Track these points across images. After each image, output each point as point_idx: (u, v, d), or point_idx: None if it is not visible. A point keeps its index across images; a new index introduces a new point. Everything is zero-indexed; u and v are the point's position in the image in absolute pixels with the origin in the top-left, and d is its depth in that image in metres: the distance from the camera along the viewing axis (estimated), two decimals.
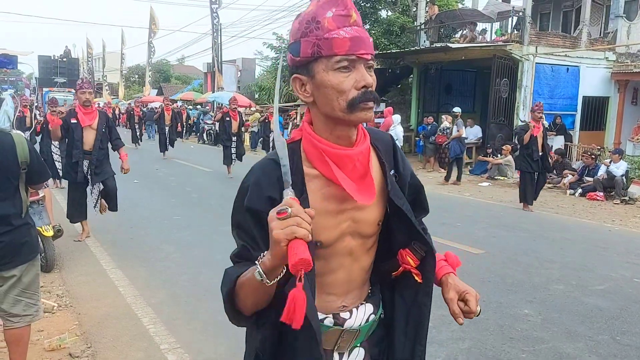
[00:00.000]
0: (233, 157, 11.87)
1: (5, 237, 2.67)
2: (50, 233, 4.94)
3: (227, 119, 11.90)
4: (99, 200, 6.27)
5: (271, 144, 16.87)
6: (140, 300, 4.38)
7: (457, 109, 13.20)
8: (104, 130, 6.14)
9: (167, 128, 16.40)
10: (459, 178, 12.01)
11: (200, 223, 7.33)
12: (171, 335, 3.71)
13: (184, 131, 22.42)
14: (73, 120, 6.01)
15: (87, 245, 6.02)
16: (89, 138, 6.05)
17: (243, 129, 13.36)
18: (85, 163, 6.05)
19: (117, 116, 29.50)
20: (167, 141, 16.15)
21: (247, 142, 21.41)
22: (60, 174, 9.43)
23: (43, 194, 4.97)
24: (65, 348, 3.51)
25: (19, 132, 4.52)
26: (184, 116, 19.53)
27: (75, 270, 5.21)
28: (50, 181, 8.64)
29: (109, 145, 6.33)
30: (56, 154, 9.54)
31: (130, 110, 23.63)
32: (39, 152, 9.41)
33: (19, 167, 2.71)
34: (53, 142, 9.51)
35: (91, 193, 6.24)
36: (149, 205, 8.29)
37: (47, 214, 4.97)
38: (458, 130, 12.49)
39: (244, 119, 14.74)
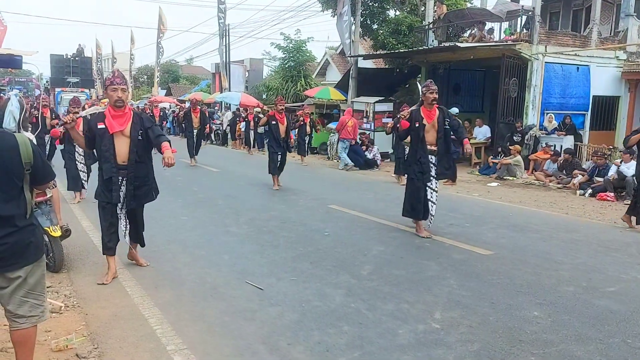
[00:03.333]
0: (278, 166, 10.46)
1: (9, 238, 2.67)
2: (58, 233, 4.96)
3: (274, 122, 10.39)
4: (128, 228, 5.09)
5: (306, 148, 15.74)
6: (147, 300, 4.38)
7: (454, 110, 13.08)
8: (139, 137, 4.75)
9: (195, 131, 14.68)
10: (453, 179, 11.90)
11: (207, 223, 7.33)
12: (178, 336, 3.70)
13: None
14: (100, 126, 4.67)
15: (94, 246, 6.03)
16: (121, 148, 4.73)
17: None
18: (123, 180, 4.79)
19: None
20: (195, 146, 14.57)
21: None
22: (85, 186, 8.62)
23: (51, 194, 4.99)
24: (72, 349, 3.51)
25: (29, 133, 4.54)
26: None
27: (83, 270, 5.23)
28: (62, 189, 8.19)
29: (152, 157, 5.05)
30: (80, 162, 8.60)
31: (149, 111, 21.62)
32: (66, 160, 8.51)
33: (23, 168, 2.71)
34: (77, 149, 8.57)
35: (119, 221, 5.02)
36: (155, 205, 8.25)
37: (55, 214, 4.99)
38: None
39: (292, 120, 12.91)
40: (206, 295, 4.53)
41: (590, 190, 10.68)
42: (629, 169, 10.27)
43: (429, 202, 6.67)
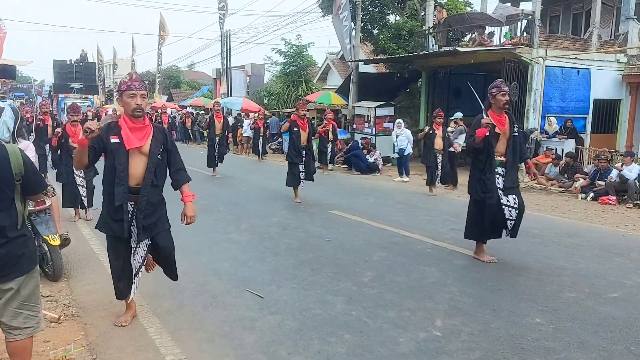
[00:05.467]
0: (301, 177, 9.52)
1: (0, 249, 2.66)
2: (58, 242, 4.94)
3: (295, 129, 9.48)
4: (143, 265, 4.07)
5: (329, 155, 14.51)
6: (147, 309, 4.36)
7: (458, 114, 13.06)
8: (159, 156, 3.93)
9: (217, 139, 13.30)
10: (455, 183, 11.93)
11: (208, 230, 7.31)
12: (177, 346, 3.68)
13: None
14: (113, 139, 3.77)
15: (94, 254, 6.02)
16: (136, 168, 3.85)
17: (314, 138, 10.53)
18: (130, 206, 3.87)
19: None
20: (217, 154, 13.31)
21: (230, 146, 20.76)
22: (86, 203, 7.83)
23: (50, 202, 4.98)
24: (70, 359, 3.49)
25: (25, 142, 4.53)
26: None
27: (83, 279, 5.21)
28: (65, 208, 7.73)
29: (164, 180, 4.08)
30: (79, 176, 7.71)
31: (156, 118, 20.03)
32: (61, 174, 7.76)
33: (14, 179, 2.69)
34: None
35: (133, 254, 4.00)
36: None
37: (54, 223, 4.98)
38: (455, 138, 12.42)
39: (315, 126, 11.55)
40: (206, 304, 4.51)
41: (592, 194, 10.65)
42: (631, 172, 10.24)
43: (508, 222, 5.72)
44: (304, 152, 9.48)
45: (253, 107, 23.65)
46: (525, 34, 15.11)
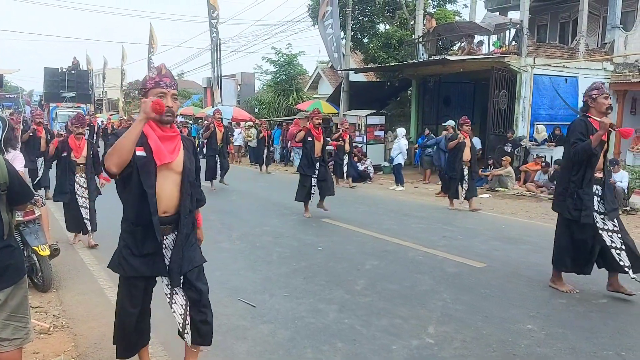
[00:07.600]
0: (313, 192, 8.90)
1: None
2: (47, 252, 4.90)
3: (310, 139, 8.87)
4: (186, 320, 3.16)
5: (345, 169, 13.39)
6: None
7: (449, 122, 13.13)
8: (194, 172, 3.17)
9: (218, 149, 12.51)
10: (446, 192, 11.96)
11: None
12: (168, 356, 3.66)
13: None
14: (139, 152, 2.85)
15: (84, 264, 5.97)
16: (165, 190, 2.96)
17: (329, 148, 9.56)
18: (168, 240, 3.03)
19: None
20: (219, 166, 12.47)
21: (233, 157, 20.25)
22: (89, 227, 6.74)
23: (39, 212, 4.94)
24: None
25: (14, 152, 4.49)
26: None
27: (73, 289, 5.16)
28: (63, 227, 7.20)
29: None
30: (82, 197, 6.75)
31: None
32: (63, 193, 6.78)
33: None
34: (77, 179, 6.74)
35: (171, 303, 3.15)
36: None
37: (44, 233, 4.94)
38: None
39: (328, 137, 10.16)
40: None
41: None
42: (622, 181, 10.35)
43: (613, 250, 4.77)
44: (317, 164, 8.87)
45: (244, 116, 23.65)
46: (513, 43, 15.29)
